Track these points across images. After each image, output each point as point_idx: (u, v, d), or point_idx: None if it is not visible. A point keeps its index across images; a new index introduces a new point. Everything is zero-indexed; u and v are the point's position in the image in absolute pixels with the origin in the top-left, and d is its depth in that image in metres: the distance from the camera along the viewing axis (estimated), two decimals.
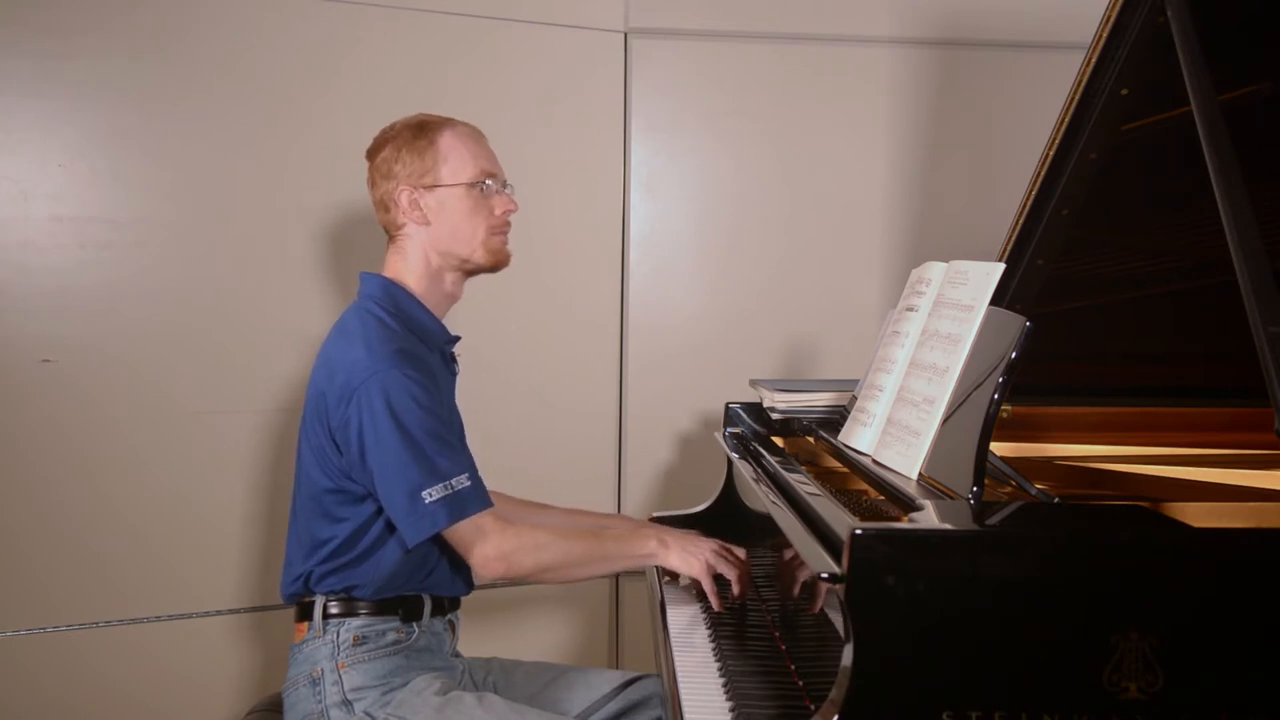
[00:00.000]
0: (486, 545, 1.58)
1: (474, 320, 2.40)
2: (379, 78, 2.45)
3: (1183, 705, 1.04)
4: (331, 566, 1.65)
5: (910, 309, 1.61)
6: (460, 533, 1.58)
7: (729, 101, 2.69)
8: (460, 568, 1.75)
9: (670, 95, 2.67)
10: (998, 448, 1.58)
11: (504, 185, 1.79)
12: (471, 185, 1.73)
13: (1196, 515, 1.29)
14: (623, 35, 2.65)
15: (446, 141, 1.74)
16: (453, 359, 1.83)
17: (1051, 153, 1.65)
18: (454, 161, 1.73)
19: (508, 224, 1.79)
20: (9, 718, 2.23)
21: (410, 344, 1.66)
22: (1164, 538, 1.11)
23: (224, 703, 2.40)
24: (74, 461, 2.26)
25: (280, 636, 1.68)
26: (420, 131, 1.74)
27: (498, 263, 1.79)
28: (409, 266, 1.75)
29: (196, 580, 2.37)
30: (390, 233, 1.77)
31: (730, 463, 2.07)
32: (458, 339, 1.81)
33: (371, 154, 1.77)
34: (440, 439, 1.58)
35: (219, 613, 2.40)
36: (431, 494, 1.55)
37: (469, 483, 1.59)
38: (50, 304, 2.23)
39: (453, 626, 1.76)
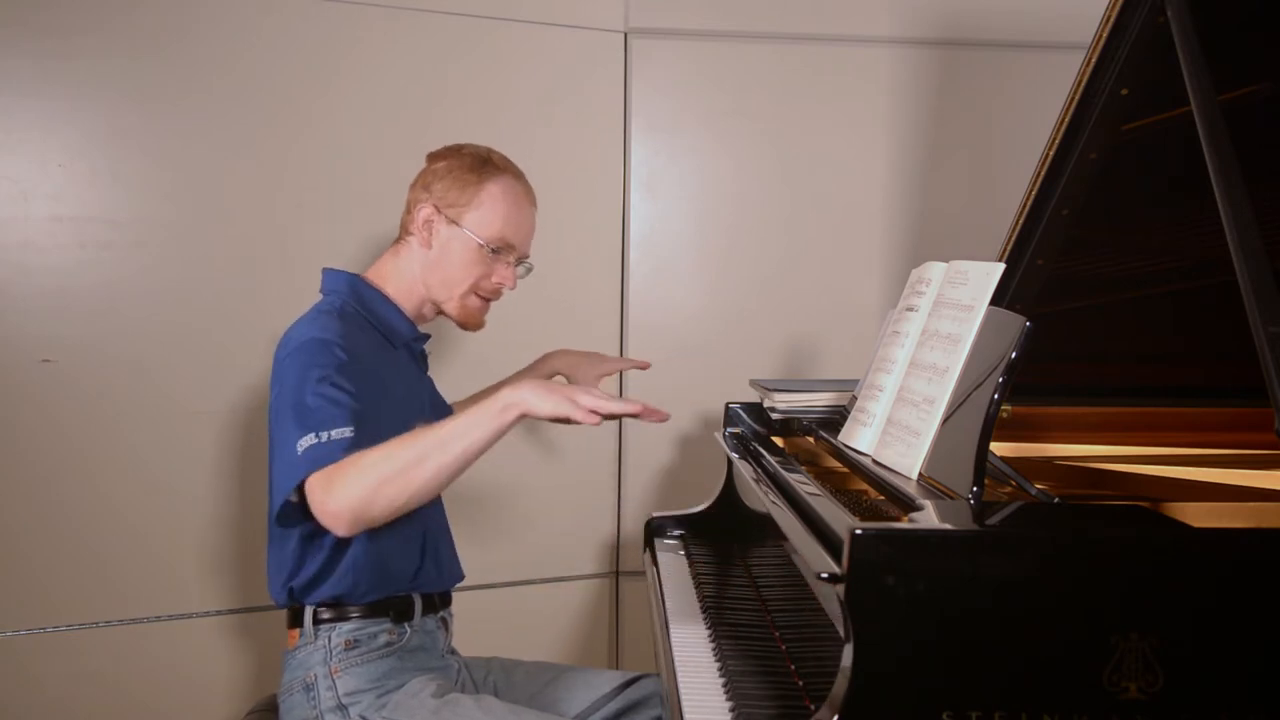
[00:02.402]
0: (327, 500, 1.42)
1: None
2: (379, 78, 2.45)
3: (1183, 705, 1.04)
4: (307, 577, 1.61)
5: (910, 309, 1.61)
6: (308, 488, 1.45)
7: (729, 101, 2.69)
8: (445, 561, 1.75)
9: (670, 95, 2.67)
10: (998, 448, 1.58)
11: (518, 262, 1.78)
12: (484, 245, 1.72)
13: (1196, 515, 1.29)
14: (623, 35, 2.65)
15: (492, 191, 1.72)
16: (423, 356, 1.82)
17: (1051, 153, 1.65)
18: (485, 213, 1.72)
19: (498, 294, 1.78)
20: (9, 718, 2.23)
21: (359, 332, 1.64)
22: (1164, 538, 1.11)
23: (223, 702, 2.40)
24: (74, 461, 2.26)
25: (280, 636, 1.68)
26: (478, 166, 1.73)
27: (466, 323, 1.77)
28: (398, 274, 1.74)
29: (196, 580, 2.37)
30: (399, 233, 1.77)
31: (730, 463, 2.07)
32: (427, 337, 1.80)
33: (430, 158, 1.77)
34: (335, 401, 1.48)
35: (219, 613, 2.40)
36: (304, 443, 1.46)
37: (350, 435, 1.46)
38: (50, 304, 2.23)
39: (445, 624, 1.76)
